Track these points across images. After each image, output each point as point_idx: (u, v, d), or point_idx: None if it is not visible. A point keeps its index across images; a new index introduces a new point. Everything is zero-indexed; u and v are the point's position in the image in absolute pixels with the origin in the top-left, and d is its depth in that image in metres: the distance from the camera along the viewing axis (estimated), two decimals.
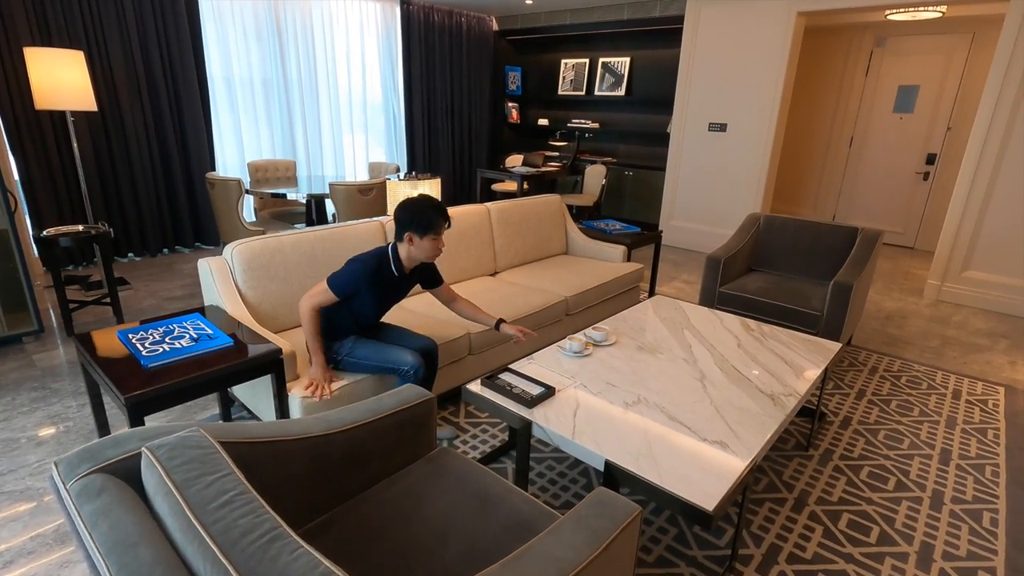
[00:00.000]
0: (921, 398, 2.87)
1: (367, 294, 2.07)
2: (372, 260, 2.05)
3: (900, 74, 5.89)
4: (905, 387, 2.99)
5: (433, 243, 2.04)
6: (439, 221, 2.03)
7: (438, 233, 2.04)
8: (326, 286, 2.01)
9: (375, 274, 2.04)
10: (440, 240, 2.06)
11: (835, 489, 2.15)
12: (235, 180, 3.92)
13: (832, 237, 3.38)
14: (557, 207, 3.87)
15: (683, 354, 2.29)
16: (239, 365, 1.80)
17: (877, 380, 3.05)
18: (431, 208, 2.02)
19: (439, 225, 2.03)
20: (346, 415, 1.42)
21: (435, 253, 2.07)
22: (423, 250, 2.05)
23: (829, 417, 2.66)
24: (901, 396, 2.89)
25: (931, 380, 3.08)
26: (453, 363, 2.55)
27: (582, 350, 2.25)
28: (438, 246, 2.06)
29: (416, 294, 2.93)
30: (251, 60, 5.30)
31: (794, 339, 2.49)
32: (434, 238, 2.03)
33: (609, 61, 6.80)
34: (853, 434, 2.53)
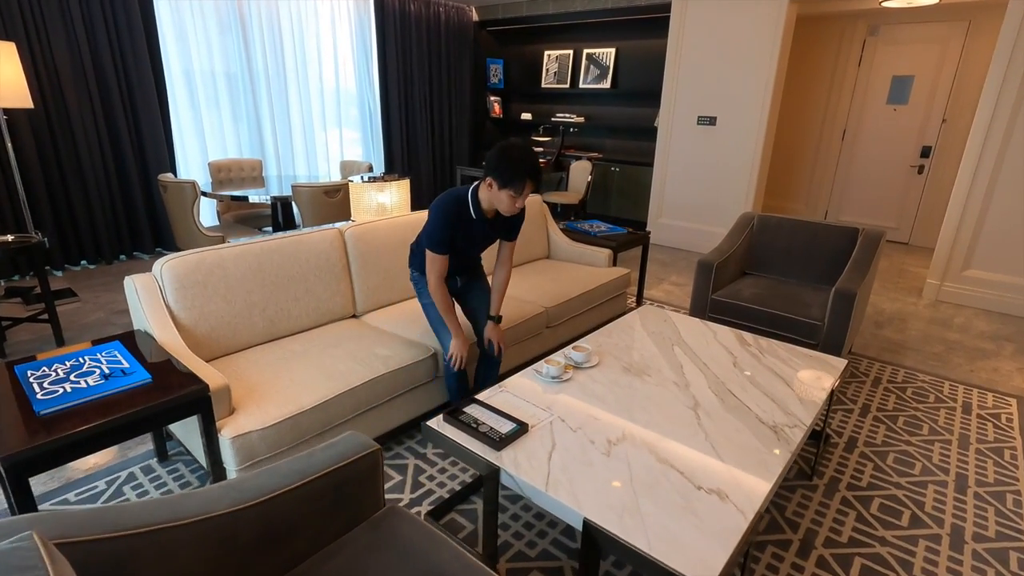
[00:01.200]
0: (929, 413, 2.66)
1: (456, 241, 2.08)
2: (452, 204, 2.03)
3: (894, 64, 5.69)
4: (911, 400, 2.78)
5: (511, 199, 1.94)
6: (522, 181, 1.91)
7: (518, 192, 1.93)
8: (432, 253, 2.05)
9: (456, 215, 2.02)
10: (519, 199, 1.95)
11: (844, 527, 1.93)
12: (189, 182, 3.62)
13: (831, 238, 3.16)
14: (538, 208, 3.62)
15: (673, 376, 2.05)
16: (155, 407, 1.53)
17: (881, 393, 2.83)
18: (522, 164, 1.89)
19: (521, 185, 1.91)
20: (264, 481, 1.16)
21: (510, 208, 1.98)
22: (499, 200, 1.97)
23: (833, 438, 2.44)
24: (908, 411, 2.67)
25: (938, 392, 2.87)
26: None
27: (560, 375, 2.00)
28: (514, 203, 1.96)
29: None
30: (212, 52, 4.98)
31: (794, 355, 2.26)
32: (512, 195, 1.93)
33: (594, 52, 6.54)
34: (860, 458, 2.30)
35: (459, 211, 2.04)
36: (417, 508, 1.95)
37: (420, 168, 6.85)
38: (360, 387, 2.00)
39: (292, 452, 1.86)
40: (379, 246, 2.66)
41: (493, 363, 2.34)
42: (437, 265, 2.08)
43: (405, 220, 2.80)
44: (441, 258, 2.07)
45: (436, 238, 2.03)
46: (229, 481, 1.13)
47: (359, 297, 2.61)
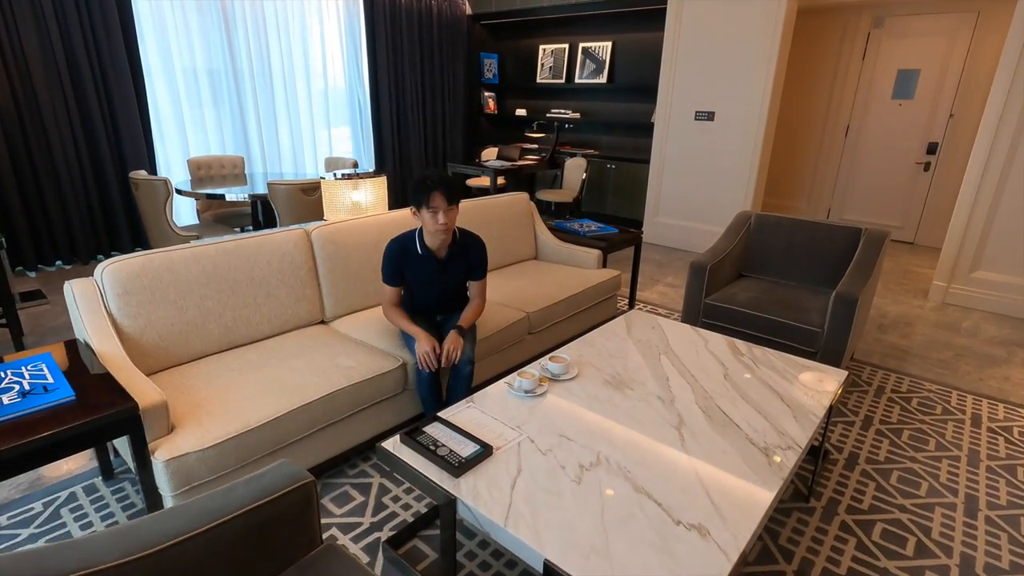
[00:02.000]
0: (936, 426, 2.49)
1: (408, 279, 2.16)
2: (397, 239, 2.13)
3: (899, 57, 5.50)
4: (917, 412, 2.61)
5: (432, 216, 2.00)
6: (428, 193, 1.97)
7: (432, 205, 1.98)
8: (383, 283, 2.17)
9: (399, 252, 2.11)
10: (439, 213, 1.99)
11: (843, 556, 1.76)
12: (161, 180, 3.47)
13: (832, 238, 2.99)
14: (524, 207, 3.45)
15: (658, 389, 1.89)
16: (74, 429, 1.38)
17: (885, 404, 2.66)
18: (426, 180, 1.99)
19: (429, 196, 1.97)
20: (165, 525, 1.00)
21: (435, 227, 2.02)
22: (426, 223, 2.04)
23: (832, 454, 2.28)
24: (913, 424, 2.50)
25: (945, 402, 2.70)
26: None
27: (534, 388, 1.84)
28: (437, 219, 2.00)
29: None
30: (194, 47, 4.82)
31: (790, 366, 2.09)
32: (430, 211, 1.99)
33: (590, 46, 6.36)
34: (862, 476, 2.14)
35: (403, 246, 2.13)
36: (377, 534, 1.80)
37: (412, 166, 6.69)
38: (317, 402, 1.85)
39: (239, 474, 1.70)
40: (350, 247, 2.50)
41: (461, 375, 2.17)
42: (387, 293, 2.21)
43: (378, 220, 2.64)
44: (389, 289, 2.19)
45: (384, 270, 2.17)
46: (119, 527, 0.97)
47: (328, 302, 2.46)
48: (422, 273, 2.16)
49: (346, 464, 2.12)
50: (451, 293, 2.29)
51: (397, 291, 2.19)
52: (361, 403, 1.99)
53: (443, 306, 2.32)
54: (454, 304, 2.35)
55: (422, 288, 2.21)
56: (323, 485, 2.01)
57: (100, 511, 1.85)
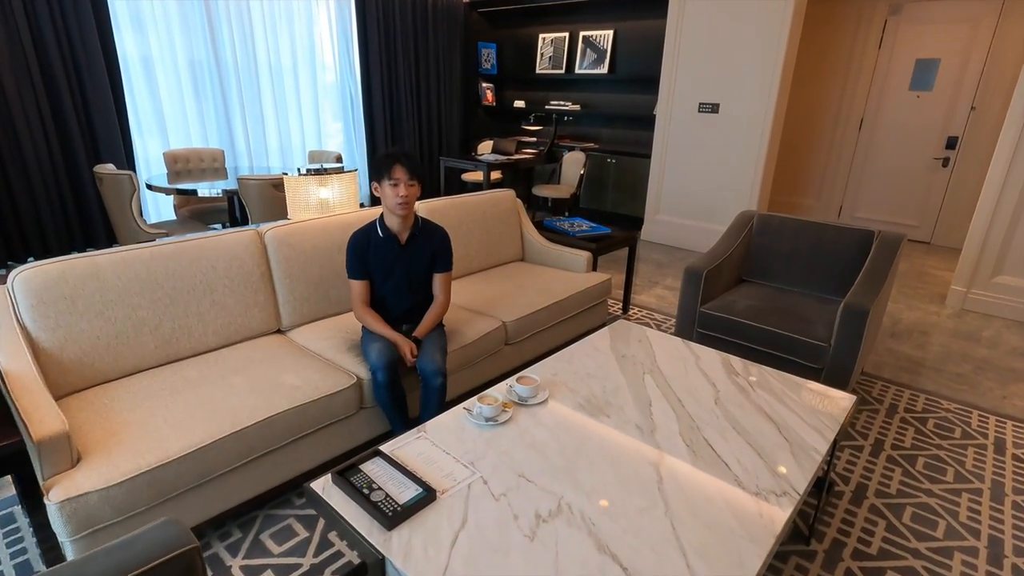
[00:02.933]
0: (955, 453, 2.25)
1: (372, 269, 2.05)
2: (359, 230, 2.05)
3: (918, 46, 5.18)
4: (933, 435, 2.36)
5: (393, 190, 1.94)
6: (390, 166, 1.93)
7: (393, 178, 1.93)
8: (349, 280, 2.06)
9: (362, 239, 2.02)
10: (400, 186, 1.93)
11: None
12: (126, 174, 3.29)
13: (841, 241, 2.73)
14: (510, 205, 3.22)
15: (638, 416, 1.66)
16: None
17: (898, 425, 2.42)
18: (387, 154, 1.96)
19: (390, 168, 1.93)
20: None
21: (395, 200, 1.95)
22: (387, 198, 1.97)
23: (838, 485, 2.04)
24: (929, 450, 2.26)
25: (965, 424, 2.45)
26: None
27: (496, 415, 1.62)
28: (397, 192, 1.94)
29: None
30: (174, 37, 4.61)
31: (791, 388, 1.86)
32: (391, 184, 1.94)
33: (591, 35, 6.09)
34: (871, 513, 1.90)
35: (365, 234, 2.05)
36: None
37: None
38: (252, 428, 1.64)
39: (154, 513, 1.50)
40: (309, 250, 2.29)
41: (431, 388, 1.97)
42: (353, 290, 2.07)
43: (343, 220, 2.43)
44: (356, 283, 2.06)
45: (348, 264, 2.06)
46: None
47: (284, 310, 2.25)
48: (384, 257, 2.05)
49: (294, 492, 1.92)
50: (415, 288, 2.11)
51: (365, 285, 2.06)
52: (305, 428, 1.78)
53: (408, 309, 2.12)
54: (420, 311, 2.15)
55: (385, 277, 2.07)
56: (264, 517, 1.81)
57: (12, 547, 1.66)
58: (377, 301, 2.11)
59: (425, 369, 1.94)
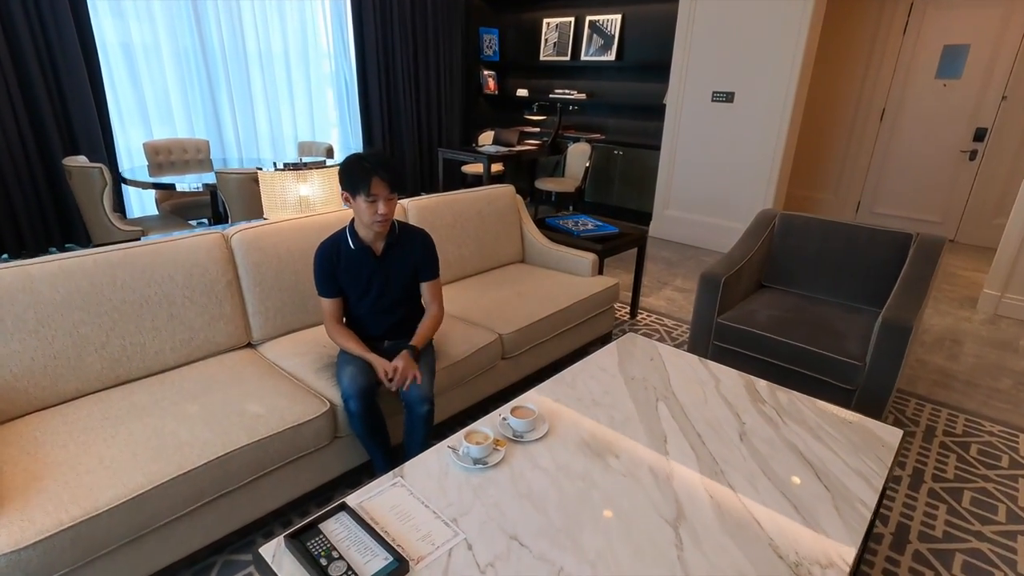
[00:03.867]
0: (1005, 485, 2.00)
1: (344, 286, 1.80)
2: (325, 241, 1.80)
3: (946, 31, 4.87)
4: (977, 464, 2.12)
5: (369, 206, 1.66)
6: (367, 178, 1.63)
7: (370, 192, 1.64)
8: (320, 298, 1.83)
9: (330, 253, 1.77)
10: (379, 203, 1.66)
11: None
12: (96, 167, 3.06)
13: (875, 245, 2.48)
14: (509, 201, 2.98)
15: (652, 458, 1.43)
16: None
17: (937, 452, 2.18)
18: (362, 162, 1.66)
19: (367, 182, 1.63)
20: None
21: (372, 218, 1.68)
22: (362, 213, 1.69)
23: (876, 527, 1.80)
24: (975, 482, 2.02)
25: (1012, 450, 2.21)
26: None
27: (486, 456, 1.39)
28: (376, 210, 1.66)
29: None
30: (156, 23, 4.35)
31: (826, 420, 1.62)
32: (367, 200, 1.65)
33: (597, 19, 5.79)
34: (915, 562, 1.67)
35: (334, 246, 1.79)
36: None
37: (404, 151, 6.20)
38: (202, 469, 1.42)
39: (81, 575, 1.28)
40: (283, 254, 2.05)
41: (416, 416, 1.74)
42: (326, 307, 1.84)
43: (323, 220, 2.19)
44: (327, 301, 1.83)
45: (316, 280, 1.82)
46: None
47: (255, 323, 2.02)
48: (357, 273, 1.80)
49: (260, 532, 1.70)
50: (396, 303, 1.86)
51: (337, 303, 1.83)
52: (268, 464, 1.56)
53: (390, 326, 1.88)
54: (405, 326, 1.91)
55: (360, 295, 1.83)
56: (223, 564, 1.59)
57: None
58: (354, 321, 1.88)
59: (409, 395, 1.71)
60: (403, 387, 1.70)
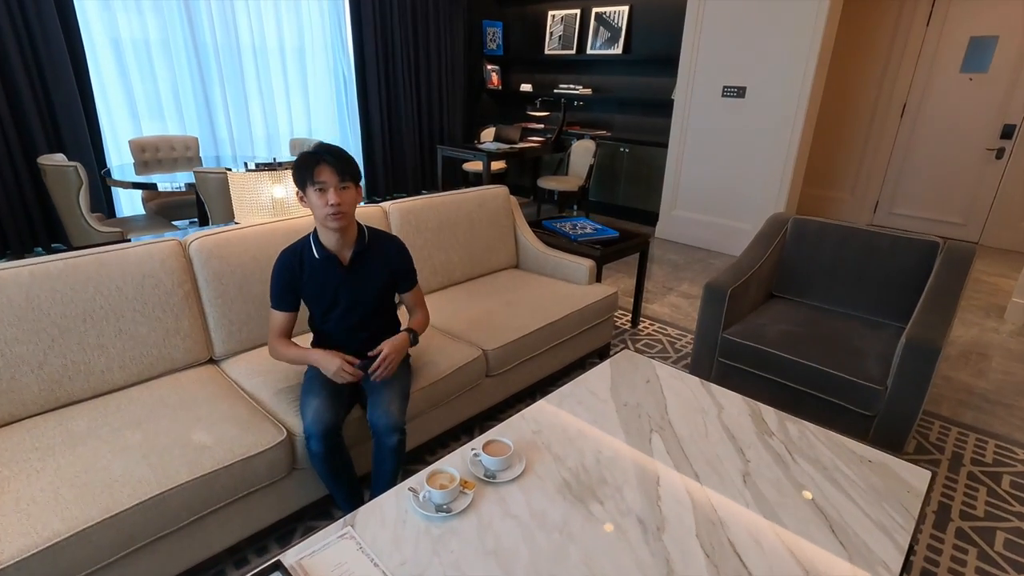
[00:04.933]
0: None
1: (308, 299, 1.66)
2: (287, 248, 1.65)
3: (972, 22, 4.60)
4: (1011, 498, 1.91)
5: (319, 196, 1.52)
6: (312, 167, 1.50)
7: (319, 181, 1.50)
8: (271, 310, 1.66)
9: (291, 262, 1.61)
10: (330, 191, 1.51)
11: None
12: (71, 165, 2.92)
13: (897, 253, 2.27)
14: (502, 203, 2.80)
15: (642, 503, 1.25)
16: None
17: (965, 484, 1.97)
18: (308, 153, 1.53)
19: (313, 170, 1.50)
20: None
21: (324, 210, 1.52)
22: (315, 207, 1.55)
23: None
24: (1009, 520, 1.81)
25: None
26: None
27: (451, 501, 1.22)
28: (326, 199, 1.51)
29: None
30: (144, 15, 4.22)
31: (843, 457, 1.43)
32: (317, 190, 1.51)
33: (604, 11, 5.58)
34: None
35: (296, 254, 1.63)
36: None
37: (404, 148, 6.03)
38: (133, 511, 1.26)
39: None
40: (248, 263, 1.89)
41: (384, 447, 1.57)
42: (274, 321, 1.65)
43: (293, 225, 2.03)
44: (278, 315, 1.64)
45: (272, 290, 1.64)
46: None
47: (217, 337, 1.87)
48: (323, 285, 1.63)
49: (210, 572, 1.54)
50: (367, 318, 1.69)
51: (289, 318, 1.65)
52: (213, 502, 1.40)
53: (361, 344, 1.71)
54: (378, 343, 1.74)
55: (325, 309, 1.66)
56: None
57: None
58: (321, 339, 1.71)
59: (377, 424, 1.54)
60: (386, 373, 1.60)
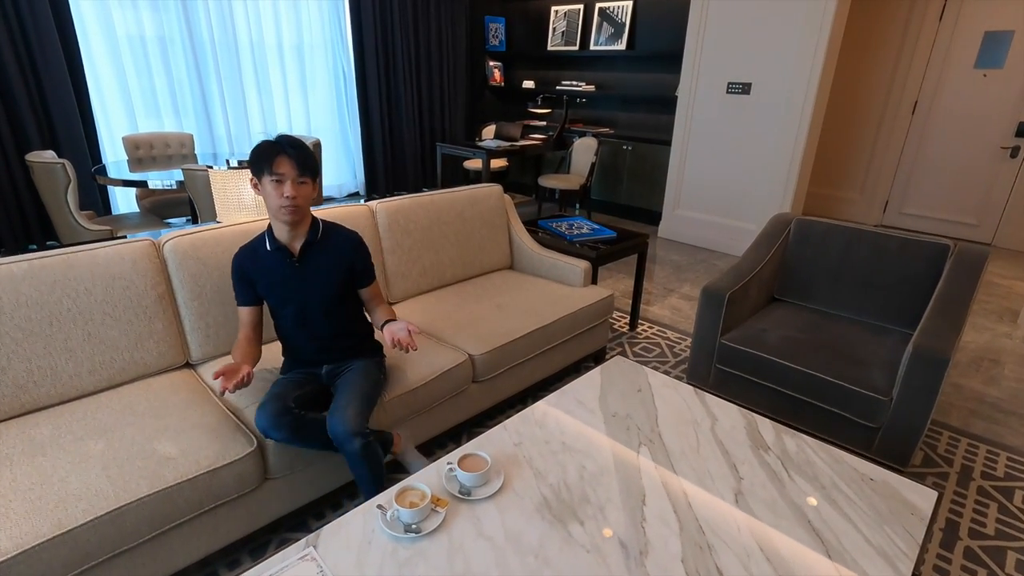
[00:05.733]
0: None
1: (264, 295, 1.61)
2: (245, 244, 1.63)
3: (987, 16, 4.46)
4: (1023, 516, 1.81)
5: (275, 188, 1.48)
6: (270, 159, 1.45)
7: (275, 172, 1.46)
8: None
9: (247, 256, 1.59)
10: (287, 184, 1.47)
11: None
12: (59, 163, 2.87)
13: (905, 256, 2.17)
14: (496, 202, 2.72)
15: (625, 524, 1.17)
16: None
17: (975, 500, 1.88)
18: (266, 143, 1.49)
19: (270, 161, 1.45)
20: None
21: (279, 201, 1.48)
22: (270, 197, 1.50)
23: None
24: (1020, 540, 1.72)
25: None
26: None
27: (420, 520, 1.15)
28: (282, 191, 1.47)
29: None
30: (140, 10, 4.17)
31: (842, 476, 1.34)
32: (273, 180, 1.47)
33: (607, 6, 5.48)
34: None
35: (252, 249, 1.60)
36: None
37: (405, 146, 5.96)
38: (85, 527, 1.20)
39: None
40: (225, 265, 1.82)
41: (350, 456, 1.48)
42: (241, 316, 1.62)
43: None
44: (242, 311, 1.62)
45: (233, 287, 1.62)
46: None
47: (193, 340, 1.80)
48: (275, 279, 1.59)
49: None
50: (322, 316, 1.62)
51: (250, 312, 1.62)
52: (176, 517, 1.33)
53: (320, 346, 1.65)
54: (340, 345, 1.67)
55: (279, 305, 1.62)
56: None
57: None
58: (284, 342, 1.66)
59: (335, 431, 1.46)
60: (412, 346, 1.53)
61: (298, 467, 1.56)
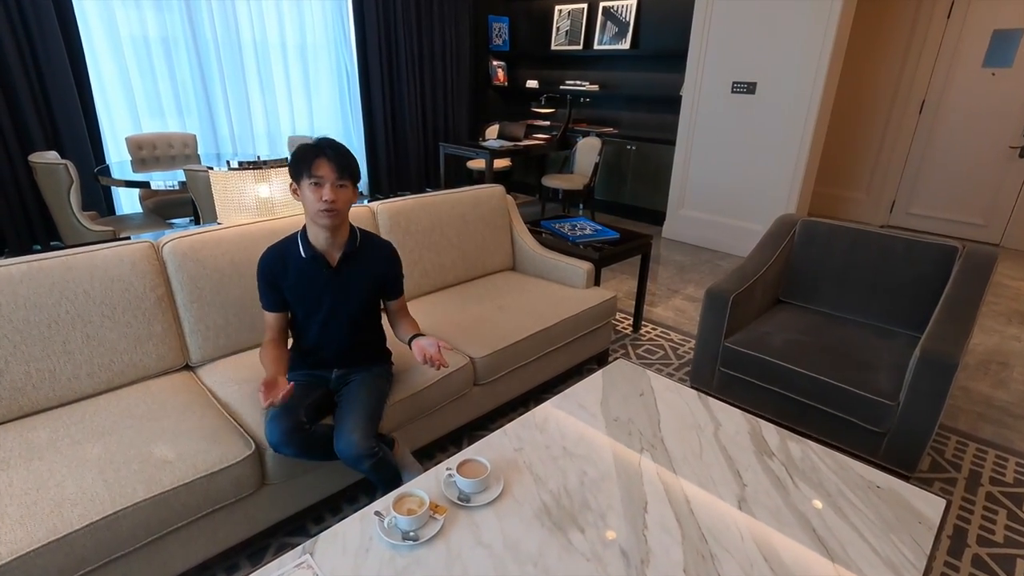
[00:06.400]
0: None
1: (291, 300, 1.58)
2: (272, 246, 1.58)
3: (996, 14, 4.41)
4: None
5: (314, 191, 1.44)
6: (311, 161, 1.43)
7: (315, 175, 1.43)
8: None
9: (275, 260, 1.55)
10: (327, 187, 1.44)
11: None
12: (62, 163, 2.88)
13: (912, 257, 2.14)
14: (498, 203, 2.70)
15: (626, 532, 1.15)
16: None
17: (983, 507, 1.85)
18: (306, 146, 1.46)
19: (310, 164, 1.43)
20: None
21: (318, 206, 1.44)
22: (308, 202, 1.47)
23: None
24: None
25: None
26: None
27: (418, 528, 1.13)
28: (321, 194, 1.44)
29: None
30: (143, 10, 4.17)
31: (848, 483, 1.32)
32: (312, 183, 1.44)
33: (611, 5, 5.45)
34: None
35: (280, 252, 1.56)
36: None
37: (408, 146, 5.95)
38: (80, 533, 1.19)
39: None
40: (226, 266, 1.82)
41: (360, 470, 1.47)
42: (266, 320, 1.61)
43: (274, 226, 1.95)
44: (268, 317, 1.60)
45: (259, 290, 1.59)
46: None
47: (193, 343, 1.79)
48: (307, 285, 1.55)
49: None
50: (351, 324, 1.61)
51: (278, 318, 1.60)
52: (173, 522, 1.32)
53: (342, 351, 1.63)
54: (360, 352, 1.66)
55: (308, 312, 1.59)
56: None
57: None
58: (301, 343, 1.65)
59: (344, 455, 1.44)
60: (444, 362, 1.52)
61: (297, 471, 1.55)
